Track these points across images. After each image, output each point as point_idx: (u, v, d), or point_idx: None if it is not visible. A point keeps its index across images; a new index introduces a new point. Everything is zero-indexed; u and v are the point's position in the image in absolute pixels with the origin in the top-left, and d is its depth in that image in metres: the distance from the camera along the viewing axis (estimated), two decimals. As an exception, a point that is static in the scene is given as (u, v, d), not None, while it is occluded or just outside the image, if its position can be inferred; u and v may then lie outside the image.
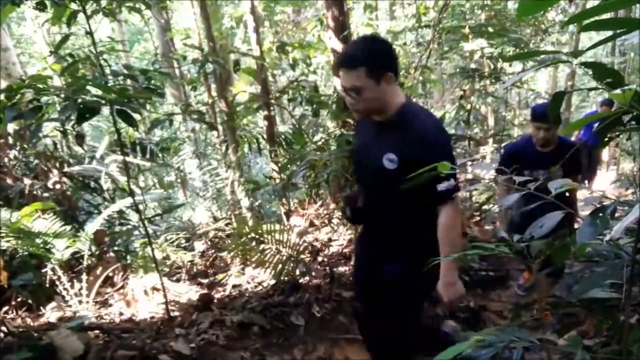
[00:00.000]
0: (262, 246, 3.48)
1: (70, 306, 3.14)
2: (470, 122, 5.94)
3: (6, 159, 3.84)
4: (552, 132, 3.06)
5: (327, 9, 4.58)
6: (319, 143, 4.80)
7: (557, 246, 1.18)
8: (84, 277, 3.23)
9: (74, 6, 2.70)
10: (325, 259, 3.97)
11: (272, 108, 5.36)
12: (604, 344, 1.96)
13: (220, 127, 5.40)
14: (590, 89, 3.59)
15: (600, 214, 1.03)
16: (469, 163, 5.26)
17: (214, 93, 6.25)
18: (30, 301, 3.13)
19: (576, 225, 2.65)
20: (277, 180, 5.15)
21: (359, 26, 7.11)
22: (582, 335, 2.30)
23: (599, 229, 1.01)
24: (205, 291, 3.54)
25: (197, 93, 7.38)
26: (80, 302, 3.15)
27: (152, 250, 3.03)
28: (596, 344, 2.08)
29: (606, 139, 1.32)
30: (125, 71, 2.64)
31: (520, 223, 3.00)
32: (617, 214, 1.12)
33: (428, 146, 1.76)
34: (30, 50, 12.51)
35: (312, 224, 4.83)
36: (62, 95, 2.26)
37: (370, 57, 1.80)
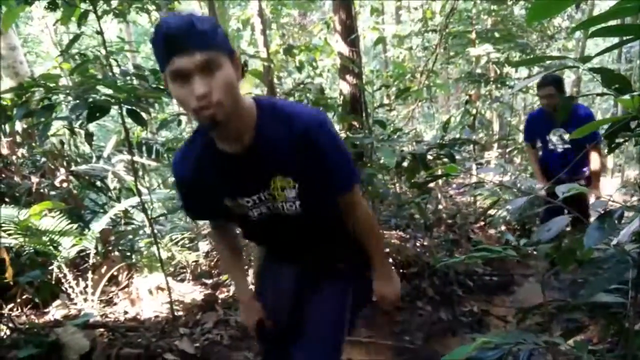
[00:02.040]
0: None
1: (75, 304, 3.16)
2: (476, 126, 5.95)
3: (14, 157, 3.86)
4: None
5: (335, 12, 4.60)
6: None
7: (563, 250, 1.19)
8: (90, 275, 3.25)
9: (84, 6, 2.73)
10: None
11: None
12: (609, 350, 1.96)
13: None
14: (598, 94, 3.61)
15: (608, 219, 1.03)
16: (474, 167, 5.26)
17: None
18: (36, 299, 3.15)
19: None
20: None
21: (365, 29, 7.14)
22: (587, 341, 2.29)
23: (606, 234, 1.02)
24: (209, 291, 3.55)
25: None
26: (85, 300, 3.17)
27: (158, 249, 3.04)
28: (600, 350, 2.07)
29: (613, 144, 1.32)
30: (135, 71, 2.66)
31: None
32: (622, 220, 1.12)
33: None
34: (37, 50, 12.58)
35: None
36: (73, 94, 2.28)
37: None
